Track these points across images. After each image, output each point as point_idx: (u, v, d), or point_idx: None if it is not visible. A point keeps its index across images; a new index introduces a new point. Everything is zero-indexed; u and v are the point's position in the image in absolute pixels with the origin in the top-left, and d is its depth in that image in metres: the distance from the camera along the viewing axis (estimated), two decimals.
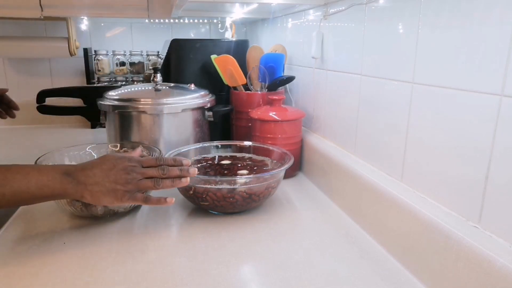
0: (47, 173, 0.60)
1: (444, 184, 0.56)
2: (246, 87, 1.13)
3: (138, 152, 0.79)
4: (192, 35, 1.72)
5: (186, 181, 0.67)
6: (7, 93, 1.02)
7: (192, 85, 1.02)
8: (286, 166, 0.78)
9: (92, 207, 0.72)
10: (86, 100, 1.00)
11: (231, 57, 1.10)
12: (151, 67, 1.30)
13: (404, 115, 0.64)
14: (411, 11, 0.61)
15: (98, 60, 1.58)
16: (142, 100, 0.90)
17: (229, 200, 0.74)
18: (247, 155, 0.93)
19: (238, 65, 1.10)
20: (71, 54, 1.47)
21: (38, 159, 0.77)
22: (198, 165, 0.88)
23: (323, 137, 0.97)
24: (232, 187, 0.73)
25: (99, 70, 1.59)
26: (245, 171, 0.84)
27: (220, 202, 0.74)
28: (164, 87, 1.00)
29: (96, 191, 0.62)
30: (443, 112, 0.55)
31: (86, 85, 1.56)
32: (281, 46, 1.15)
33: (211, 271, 0.59)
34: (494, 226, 0.48)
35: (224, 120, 1.18)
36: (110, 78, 1.61)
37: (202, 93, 0.98)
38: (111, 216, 0.76)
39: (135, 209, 0.80)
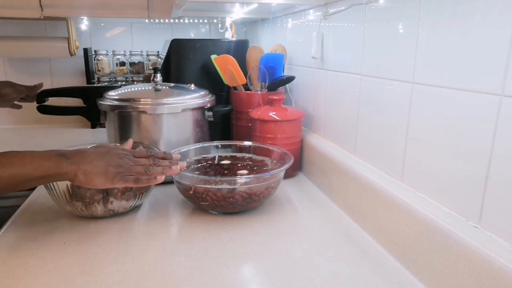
0: (41, 154, 0.62)
1: (444, 184, 0.56)
2: (246, 87, 1.13)
3: (129, 144, 0.81)
4: (192, 35, 1.72)
5: (176, 169, 0.70)
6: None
7: (192, 85, 1.01)
8: (286, 166, 0.78)
9: (92, 207, 0.72)
10: (86, 100, 1.00)
11: (231, 57, 1.10)
12: (151, 67, 1.29)
13: (404, 115, 0.64)
14: (411, 11, 0.61)
15: (98, 60, 1.58)
16: (142, 100, 0.90)
17: (229, 200, 0.74)
18: (247, 155, 0.93)
19: (238, 65, 1.10)
20: (71, 54, 1.47)
21: None
22: (198, 165, 0.88)
23: (323, 137, 0.97)
24: (232, 187, 0.73)
25: (99, 70, 1.59)
26: (245, 171, 0.84)
27: (220, 202, 0.74)
28: (164, 87, 1.00)
29: (89, 171, 0.63)
30: (443, 112, 0.55)
31: (86, 85, 1.56)
32: (281, 46, 1.15)
33: (211, 271, 0.59)
34: (494, 226, 0.48)
35: (224, 120, 1.18)
36: (110, 78, 1.61)
37: (202, 93, 0.98)
38: (111, 216, 0.76)
39: (135, 209, 0.80)
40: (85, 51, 1.54)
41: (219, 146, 0.95)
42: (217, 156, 0.93)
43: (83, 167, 0.63)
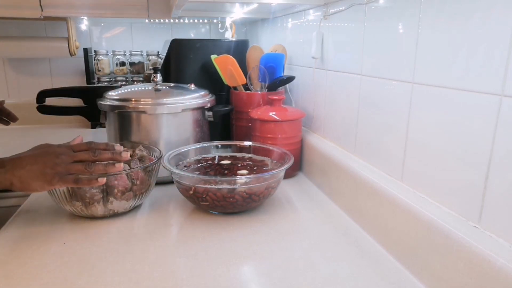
0: None
1: (444, 184, 0.56)
2: (246, 87, 1.13)
3: (78, 140, 0.77)
4: (192, 35, 1.72)
5: (119, 166, 0.67)
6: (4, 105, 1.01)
7: (192, 85, 1.01)
8: (286, 166, 0.78)
9: (92, 207, 0.72)
10: (86, 100, 1.00)
11: (231, 57, 1.10)
12: (151, 67, 1.30)
13: (404, 115, 0.64)
14: (411, 11, 0.61)
15: (98, 60, 1.58)
16: (142, 100, 0.90)
17: (229, 200, 0.74)
18: (247, 155, 0.93)
19: (238, 65, 1.10)
20: (71, 54, 1.47)
21: None
22: (198, 165, 0.88)
23: (323, 137, 0.97)
24: (232, 187, 0.73)
25: (99, 70, 1.59)
26: (245, 171, 0.84)
27: (220, 202, 0.74)
28: (164, 87, 1.00)
29: (25, 177, 0.63)
30: (443, 112, 0.55)
31: (86, 85, 1.56)
32: (281, 46, 1.15)
33: (211, 271, 0.59)
34: (494, 226, 0.48)
35: (224, 120, 1.18)
36: (110, 78, 1.61)
37: (202, 93, 0.98)
38: (111, 216, 0.76)
39: (135, 209, 0.80)
40: (85, 51, 1.54)
41: (219, 146, 0.95)
42: (217, 156, 0.93)
43: (17, 173, 0.62)
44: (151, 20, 1.65)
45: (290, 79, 1.08)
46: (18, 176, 0.63)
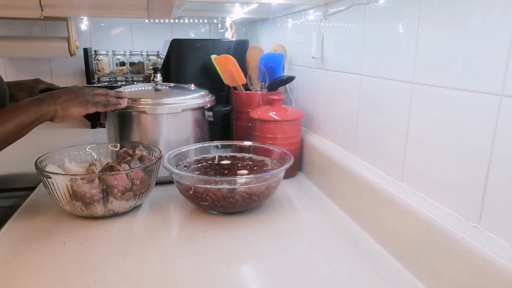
0: (26, 103, 0.74)
1: (444, 184, 0.56)
2: (246, 87, 1.13)
3: None
4: (192, 35, 1.72)
5: (125, 95, 0.88)
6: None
7: (192, 85, 1.01)
8: (286, 166, 0.78)
9: (92, 207, 0.72)
10: None
11: (231, 57, 1.10)
12: (151, 67, 1.30)
13: (404, 115, 0.64)
14: (411, 11, 0.61)
15: (98, 60, 1.58)
16: (142, 100, 0.90)
17: (229, 200, 0.74)
18: (247, 155, 0.93)
19: (238, 65, 1.10)
20: (71, 54, 1.47)
21: (38, 159, 0.77)
22: (198, 165, 0.88)
23: (323, 137, 0.97)
24: (232, 187, 0.73)
25: (99, 70, 1.59)
26: (245, 171, 0.84)
27: (220, 202, 0.74)
28: (164, 87, 1.00)
29: (65, 105, 0.77)
30: (443, 112, 0.55)
31: (86, 85, 1.55)
32: (281, 46, 1.15)
33: (211, 271, 0.59)
34: (494, 226, 0.48)
35: (224, 120, 1.18)
36: (110, 78, 1.61)
37: (202, 93, 0.98)
38: (111, 216, 0.76)
39: (135, 209, 0.80)
40: (85, 51, 1.54)
41: (219, 146, 0.95)
42: (217, 156, 0.93)
43: (58, 103, 0.76)
44: (151, 20, 1.65)
45: (290, 79, 1.08)
46: (60, 105, 0.77)
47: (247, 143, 0.95)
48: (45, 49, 1.47)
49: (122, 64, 1.61)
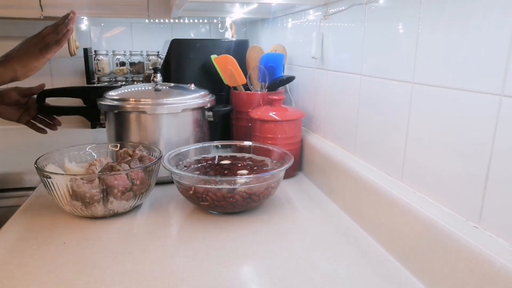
0: None
1: (444, 184, 0.56)
2: (246, 87, 1.13)
3: None
4: (192, 35, 1.72)
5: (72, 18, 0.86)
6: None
7: (192, 85, 1.01)
8: (286, 166, 0.78)
9: (92, 207, 0.72)
10: (86, 100, 1.00)
11: (231, 57, 1.10)
12: (151, 67, 1.29)
13: (404, 115, 0.64)
14: (411, 11, 0.61)
15: (98, 60, 1.58)
16: (142, 100, 0.90)
17: (229, 200, 0.74)
18: (247, 155, 0.93)
19: (238, 65, 1.10)
20: (71, 54, 1.47)
21: (38, 159, 0.77)
22: (198, 165, 0.88)
23: (323, 137, 0.97)
24: (232, 187, 0.73)
25: (99, 70, 1.59)
26: (245, 171, 0.84)
27: (220, 202, 0.74)
28: (164, 87, 1.00)
29: (22, 61, 0.78)
30: (443, 112, 0.55)
31: (86, 85, 1.55)
32: (281, 46, 1.15)
33: (211, 271, 0.59)
34: (494, 226, 0.48)
35: (224, 120, 1.18)
36: (110, 78, 1.61)
37: (202, 93, 0.98)
38: (111, 216, 0.76)
39: (135, 209, 0.80)
40: (85, 51, 1.54)
41: (219, 146, 0.95)
42: (217, 156, 0.93)
43: (14, 62, 0.77)
44: (151, 20, 1.65)
45: (290, 79, 1.08)
46: (16, 63, 0.77)
47: (247, 143, 0.95)
48: None
49: (122, 64, 1.61)
